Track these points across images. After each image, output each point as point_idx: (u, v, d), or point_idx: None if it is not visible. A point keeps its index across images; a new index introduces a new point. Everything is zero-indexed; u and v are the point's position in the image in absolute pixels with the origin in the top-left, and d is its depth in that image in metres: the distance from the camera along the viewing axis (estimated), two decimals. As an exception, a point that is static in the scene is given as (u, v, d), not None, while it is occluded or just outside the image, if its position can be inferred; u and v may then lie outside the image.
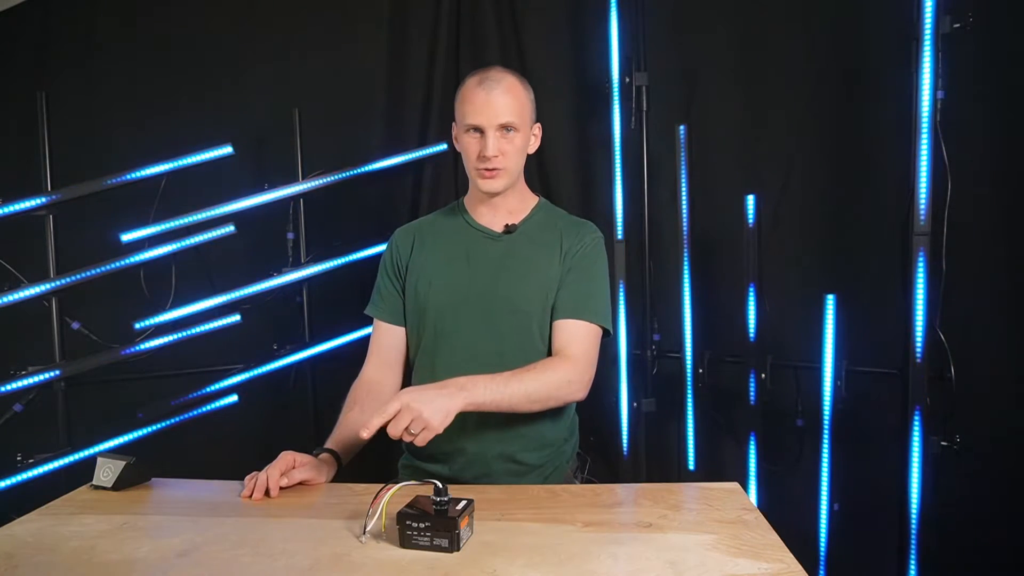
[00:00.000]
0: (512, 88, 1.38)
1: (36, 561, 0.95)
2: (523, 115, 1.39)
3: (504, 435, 1.39)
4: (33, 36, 2.42)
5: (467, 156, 1.41)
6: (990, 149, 1.88)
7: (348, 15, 2.50)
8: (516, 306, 1.40)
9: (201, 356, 2.33)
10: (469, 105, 1.37)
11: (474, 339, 1.40)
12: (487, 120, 1.35)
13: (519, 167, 1.44)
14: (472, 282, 1.42)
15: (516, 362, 1.35)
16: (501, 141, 1.37)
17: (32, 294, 2.06)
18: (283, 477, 1.21)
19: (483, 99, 1.36)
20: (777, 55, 2.17)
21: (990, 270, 1.90)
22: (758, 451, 2.08)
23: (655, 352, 2.29)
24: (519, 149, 1.40)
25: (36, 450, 2.09)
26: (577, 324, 1.39)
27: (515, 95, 1.38)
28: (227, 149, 2.22)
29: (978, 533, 1.90)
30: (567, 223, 1.50)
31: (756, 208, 2.02)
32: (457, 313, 1.41)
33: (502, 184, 1.40)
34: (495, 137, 1.36)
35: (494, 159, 1.36)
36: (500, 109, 1.35)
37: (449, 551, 0.94)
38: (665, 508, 1.09)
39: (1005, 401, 1.90)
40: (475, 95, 1.37)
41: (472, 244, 1.46)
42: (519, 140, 1.39)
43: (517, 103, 1.38)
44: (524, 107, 1.40)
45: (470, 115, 1.37)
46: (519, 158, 1.42)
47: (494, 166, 1.37)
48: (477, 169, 1.39)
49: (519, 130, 1.38)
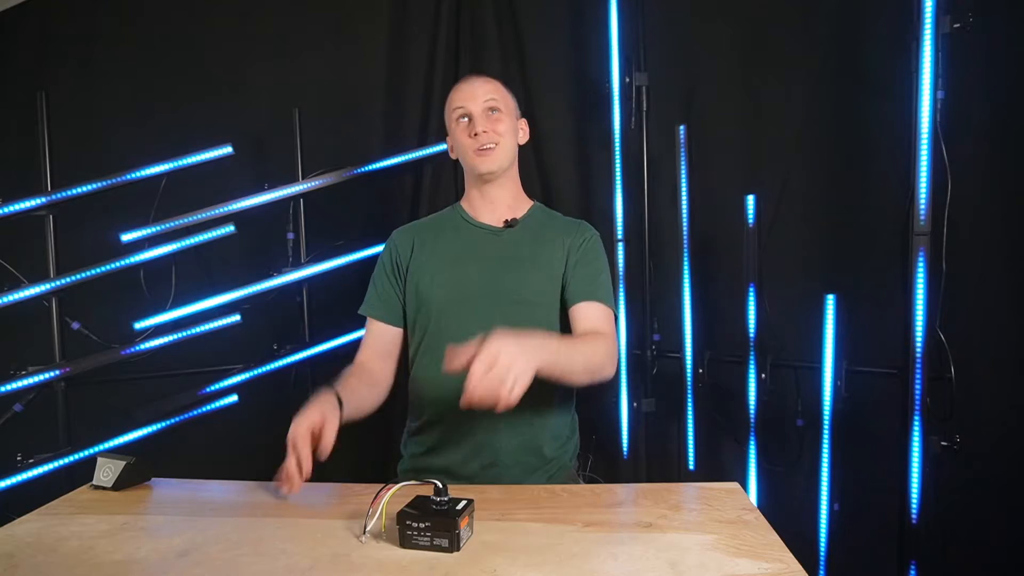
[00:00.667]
0: (491, 80, 1.50)
1: (36, 561, 0.95)
2: (506, 102, 1.49)
3: (517, 425, 1.40)
4: (33, 36, 2.42)
5: (461, 144, 1.47)
6: (990, 149, 1.88)
7: (348, 15, 2.50)
8: (523, 297, 1.43)
9: (201, 356, 2.33)
10: (455, 95, 1.48)
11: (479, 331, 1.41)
12: (472, 103, 1.45)
13: (512, 148, 1.49)
14: (477, 277, 1.44)
15: None
16: (490, 119, 1.45)
17: (32, 294, 2.06)
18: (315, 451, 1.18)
19: (466, 87, 1.48)
20: (777, 55, 2.17)
21: (990, 270, 1.90)
22: (758, 451, 2.08)
23: (655, 352, 2.29)
24: (509, 130, 1.47)
25: (36, 450, 2.09)
26: (596, 305, 1.43)
27: (495, 85, 1.49)
28: (227, 149, 2.22)
29: (978, 533, 1.90)
30: (564, 222, 1.55)
31: (756, 208, 2.02)
32: (462, 308, 1.42)
33: (498, 162, 1.46)
34: (483, 116, 1.44)
35: (484, 135, 1.43)
36: (483, 91, 1.46)
37: (449, 551, 0.94)
38: (665, 508, 1.09)
39: (1005, 401, 1.89)
40: (459, 88, 1.49)
41: (474, 240, 1.48)
42: (507, 121, 1.47)
43: (498, 91, 1.49)
44: (506, 97, 1.50)
45: (457, 102, 1.46)
46: (510, 139, 1.48)
47: (486, 142, 1.43)
48: (473, 151, 1.45)
49: (504, 113, 1.47)
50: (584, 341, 1.34)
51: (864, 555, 2.02)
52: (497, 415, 1.39)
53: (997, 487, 1.89)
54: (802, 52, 2.13)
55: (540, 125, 2.41)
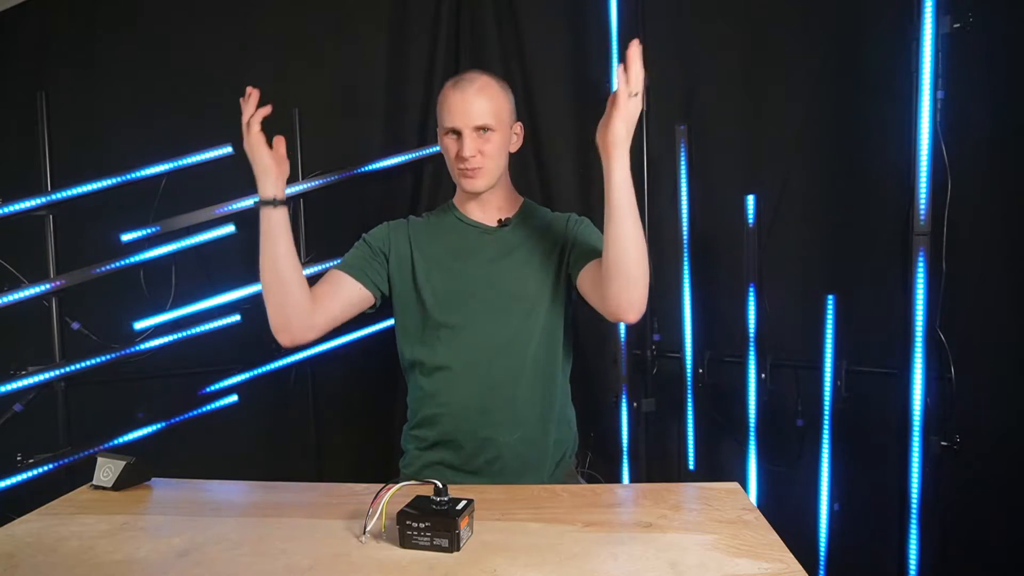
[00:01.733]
0: (486, 87, 1.40)
1: (36, 561, 0.95)
2: (499, 115, 1.41)
3: (518, 420, 1.42)
4: (33, 36, 2.42)
5: (447, 158, 1.44)
6: (990, 149, 1.88)
7: (348, 15, 2.50)
8: (519, 294, 1.43)
9: (201, 356, 2.33)
10: (445, 108, 1.41)
11: (477, 330, 1.42)
12: (462, 122, 1.38)
13: (500, 166, 1.46)
14: (472, 275, 1.44)
15: (521, 353, 1.41)
16: (478, 141, 1.39)
17: (32, 294, 2.06)
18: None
19: (458, 101, 1.39)
20: (777, 55, 2.17)
21: (990, 270, 1.90)
22: (758, 451, 2.09)
23: (655, 352, 2.28)
24: (498, 148, 1.43)
25: (36, 450, 2.09)
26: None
27: (489, 95, 1.40)
28: (227, 149, 2.22)
29: (978, 533, 1.90)
30: (554, 217, 1.54)
31: (756, 208, 2.02)
32: (459, 306, 1.43)
33: (483, 183, 1.43)
34: (471, 138, 1.38)
35: (471, 159, 1.39)
36: (474, 111, 1.38)
37: (449, 551, 0.94)
38: (665, 508, 1.09)
39: (1005, 401, 1.90)
40: (450, 97, 1.40)
41: (468, 239, 1.49)
42: (496, 139, 1.41)
43: (492, 103, 1.40)
44: (500, 107, 1.42)
45: (447, 118, 1.40)
46: (499, 158, 1.44)
47: (472, 166, 1.40)
48: (459, 169, 1.42)
49: (495, 130, 1.41)
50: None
51: (864, 555, 2.02)
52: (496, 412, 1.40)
53: (997, 487, 1.89)
54: (802, 52, 2.13)
55: (540, 125, 2.41)
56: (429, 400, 1.45)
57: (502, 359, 1.41)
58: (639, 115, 1.17)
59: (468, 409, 1.41)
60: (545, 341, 1.44)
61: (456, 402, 1.42)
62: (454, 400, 1.42)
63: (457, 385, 1.42)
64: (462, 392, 1.42)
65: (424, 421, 1.47)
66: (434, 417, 1.45)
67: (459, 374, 1.42)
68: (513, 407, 1.41)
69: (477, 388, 1.41)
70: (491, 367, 1.41)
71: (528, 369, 1.42)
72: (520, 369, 1.42)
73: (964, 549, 1.89)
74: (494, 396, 1.41)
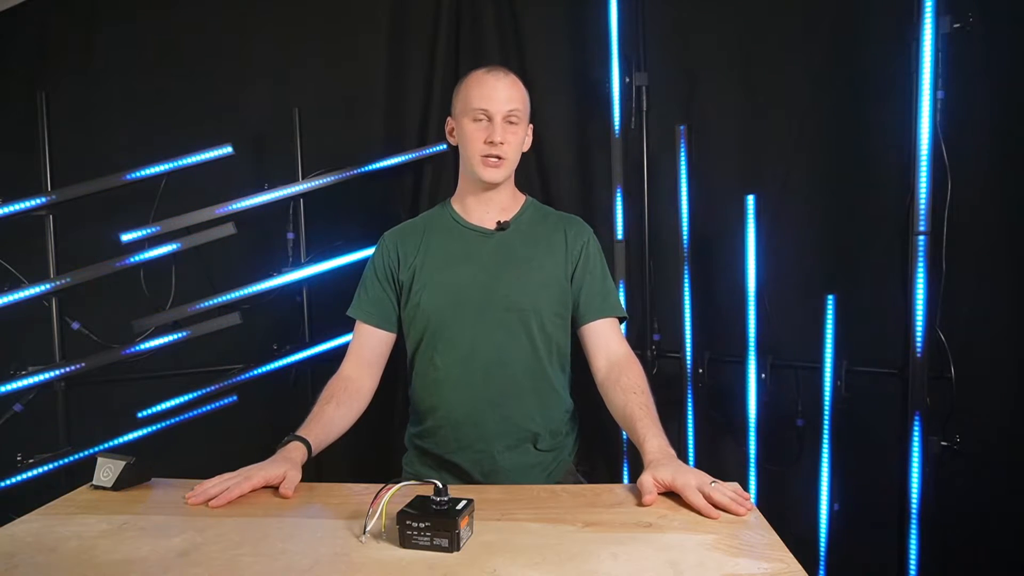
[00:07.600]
0: (517, 83, 1.44)
1: (36, 561, 0.95)
2: (525, 110, 1.44)
3: (518, 421, 1.42)
4: (33, 36, 2.42)
5: (471, 143, 1.40)
6: (990, 149, 1.88)
7: (348, 15, 2.50)
8: (514, 303, 1.42)
9: (201, 356, 2.33)
10: (477, 90, 1.39)
11: (473, 337, 1.41)
12: (496, 106, 1.38)
13: (516, 161, 1.47)
14: (469, 281, 1.43)
15: (515, 359, 1.39)
16: (507, 130, 1.39)
17: (32, 294, 2.06)
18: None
19: (492, 85, 1.39)
20: (777, 55, 2.17)
21: (990, 270, 1.90)
22: (758, 451, 2.08)
23: (655, 352, 2.29)
24: (520, 142, 1.44)
25: (36, 450, 2.09)
26: (610, 322, 1.44)
27: (519, 89, 1.44)
28: (227, 149, 2.22)
29: (978, 533, 1.90)
30: (556, 219, 1.53)
31: (756, 208, 2.02)
32: (455, 312, 1.42)
33: (503, 174, 1.43)
34: (502, 125, 1.38)
35: (500, 146, 1.38)
36: (508, 97, 1.39)
37: (449, 551, 0.94)
38: (665, 508, 1.09)
39: (1005, 401, 1.90)
40: (484, 81, 1.40)
41: (466, 242, 1.47)
42: (520, 133, 1.43)
43: (521, 96, 1.43)
44: (525, 103, 1.45)
45: (478, 99, 1.38)
46: (518, 151, 1.45)
47: (500, 153, 1.39)
48: (482, 157, 1.39)
49: (520, 124, 1.42)
50: (649, 395, 1.41)
51: (864, 555, 2.02)
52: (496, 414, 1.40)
53: (997, 487, 1.89)
54: (802, 52, 2.13)
55: (540, 125, 2.39)
56: (426, 407, 1.45)
57: (492, 367, 1.40)
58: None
59: (462, 414, 1.41)
60: (536, 348, 1.42)
61: (450, 409, 1.42)
62: (448, 407, 1.42)
63: (451, 393, 1.42)
64: (456, 398, 1.42)
65: (423, 424, 1.47)
66: (430, 423, 1.45)
67: (453, 381, 1.42)
68: (510, 408, 1.41)
69: (473, 398, 1.40)
70: (487, 378, 1.40)
71: (526, 379, 1.42)
72: (517, 379, 1.41)
73: (964, 549, 1.89)
74: (491, 407, 1.40)
